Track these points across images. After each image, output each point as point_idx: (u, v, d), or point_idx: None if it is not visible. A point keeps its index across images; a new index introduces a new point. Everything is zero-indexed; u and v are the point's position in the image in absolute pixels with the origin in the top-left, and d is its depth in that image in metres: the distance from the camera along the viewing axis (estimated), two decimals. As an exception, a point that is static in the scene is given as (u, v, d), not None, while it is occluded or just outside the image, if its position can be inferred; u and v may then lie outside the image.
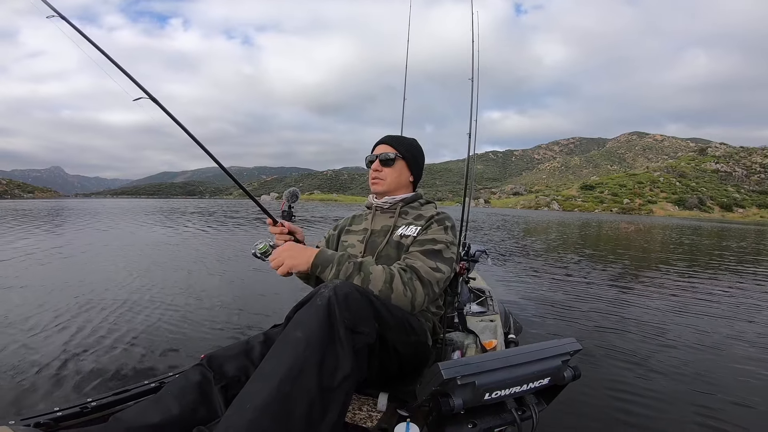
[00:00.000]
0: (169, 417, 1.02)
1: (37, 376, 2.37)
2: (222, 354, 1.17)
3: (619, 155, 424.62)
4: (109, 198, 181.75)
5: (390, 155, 1.50)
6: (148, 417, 1.01)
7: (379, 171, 1.51)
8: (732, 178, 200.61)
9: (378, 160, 1.51)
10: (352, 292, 1.03)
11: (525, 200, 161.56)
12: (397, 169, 1.51)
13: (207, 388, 1.09)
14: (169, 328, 3.29)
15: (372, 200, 1.59)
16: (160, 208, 30.04)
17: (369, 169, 1.54)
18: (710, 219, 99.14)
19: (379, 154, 1.51)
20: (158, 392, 1.12)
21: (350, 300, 1.00)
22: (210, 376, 1.11)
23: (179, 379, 1.14)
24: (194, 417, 1.05)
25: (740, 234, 25.02)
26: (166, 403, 1.05)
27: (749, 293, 5.71)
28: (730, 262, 9.54)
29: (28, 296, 4.17)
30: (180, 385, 1.10)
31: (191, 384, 1.09)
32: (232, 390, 1.09)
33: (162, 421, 1.01)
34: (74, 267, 6.06)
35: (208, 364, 1.14)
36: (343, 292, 1.01)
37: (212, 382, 1.10)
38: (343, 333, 0.95)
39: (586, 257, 9.37)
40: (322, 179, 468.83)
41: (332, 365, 0.92)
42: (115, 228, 13.02)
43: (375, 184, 1.52)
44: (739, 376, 2.69)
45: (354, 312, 1.00)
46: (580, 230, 22.02)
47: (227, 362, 1.15)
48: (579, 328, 3.65)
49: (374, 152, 1.54)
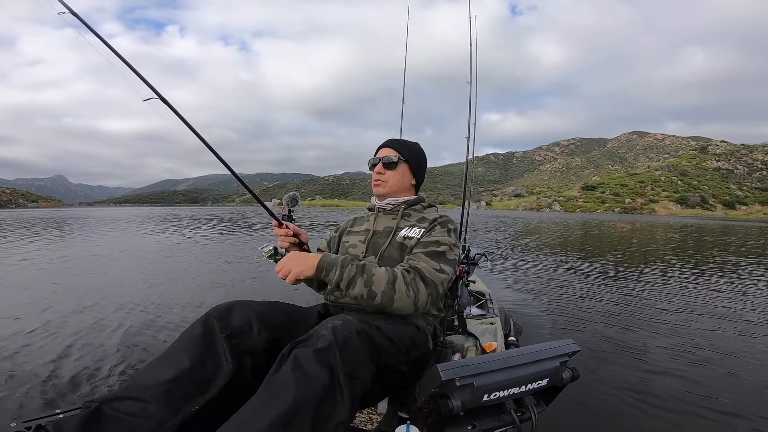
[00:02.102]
0: (182, 370, 1.02)
1: (38, 379, 2.38)
2: (225, 306, 1.19)
3: (620, 155, 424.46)
4: (113, 207, 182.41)
5: (393, 158, 1.51)
6: (161, 375, 1.02)
7: (382, 174, 1.52)
8: (734, 175, 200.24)
9: (381, 163, 1.52)
10: (352, 336, 1.02)
11: (526, 202, 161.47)
12: (399, 172, 1.53)
13: (211, 338, 1.10)
14: (173, 329, 3.31)
15: (374, 202, 1.61)
16: (178, 216, 30.18)
17: (372, 171, 1.56)
18: (713, 217, 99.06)
19: (382, 157, 1.53)
20: (165, 350, 1.12)
21: (350, 344, 1.00)
22: (215, 326, 1.12)
23: (185, 333, 1.14)
24: (204, 368, 1.05)
25: (745, 231, 24.81)
26: (176, 357, 1.05)
27: (753, 291, 5.67)
28: (734, 259, 9.49)
29: (43, 299, 4.19)
30: (186, 337, 1.11)
31: (197, 335, 1.10)
32: (235, 339, 1.11)
33: (176, 375, 1.01)
34: (90, 272, 6.07)
35: (214, 313, 1.15)
36: (343, 336, 1.00)
37: (217, 332, 1.11)
38: (342, 379, 0.93)
39: (587, 258, 9.35)
40: (324, 185, 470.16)
41: (328, 412, 0.90)
42: (133, 236, 13.25)
43: (377, 186, 1.54)
44: (740, 376, 2.67)
45: (353, 357, 0.99)
46: (581, 231, 21.98)
47: (231, 313, 1.16)
48: (579, 330, 3.64)
49: (377, 155, 1.56)
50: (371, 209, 1.62)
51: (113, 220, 23.78)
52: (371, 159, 1.57)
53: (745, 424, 2.08)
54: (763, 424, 2.07)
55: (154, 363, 1.07)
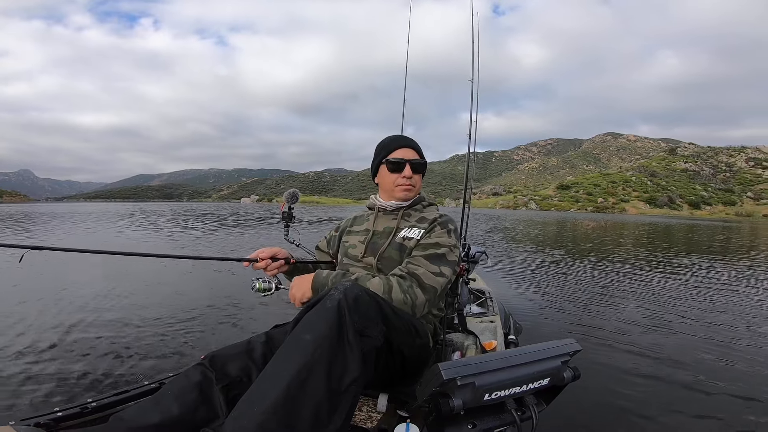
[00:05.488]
0: (169, 417, 1.01)
1: (37, 377, 2.34)
2: (224, 354, 1.16)
3: (594, 155, 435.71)
4: (83, 202, 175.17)
5: (421, 161, 1.48)
6: (148, 417, 1.00)
7: (411, 177, 1.46)
8: (700, 176, 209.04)
9: (409, 167, 1.45)
10: (362, 294, 1.03)
11: (504, 200, 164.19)
12: (422, 175, 1.51)
13: (208, 388, 1.08)
14: (170, 330, 3.24)
15: (376, 201, 1.57)
16: (161, 212, 29.17)
17: (393, 172, 1.47)
18: (679, 216, 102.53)
19: (411, 159, 1.46)
20: (158, 392, 1.11)
21: (360, 303, 1.00)
22: (211, 375, 1.10)
23: (179, 378, 1.12)
24: (194, 417, 1.03)
25: (712, 230, 25.63)
26: (166, 403, 1.04)
27: (750, 289, 5.74)
28: (725, 257, 9.83)
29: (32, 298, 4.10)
30: (180, 384, 1.09)
31: (191, 384, 1.08)
32: (234, 390, 1.09)
33: (162, 421, 1.00)
34: (81, 269, 5.88)
35: (210, 364, 1.12)
36: (353, 295, 1.01)
37: (213, 382, 1.09)
38: (352, 336, 0.95)
39: (584, 256, 9.43)
40: (304, 181, 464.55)
41: (341, 369, 0.92)
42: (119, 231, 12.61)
43: (408, 191, 1.47)
44: (741, 375, 2.67)
45: (363, 315, 1.00)
46: (563, 229, 22.35)
47: (229, 362, 1.13)
48: (579, 328, 3.61)
49: (399, 155, 1.46)
50: (371, 208, 1.59)
51: (83, 216, 22.83)
52: (391, 158, 1.46)
53: (747, 421, 2.09)
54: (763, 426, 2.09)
55: (145, 403, 1.07)
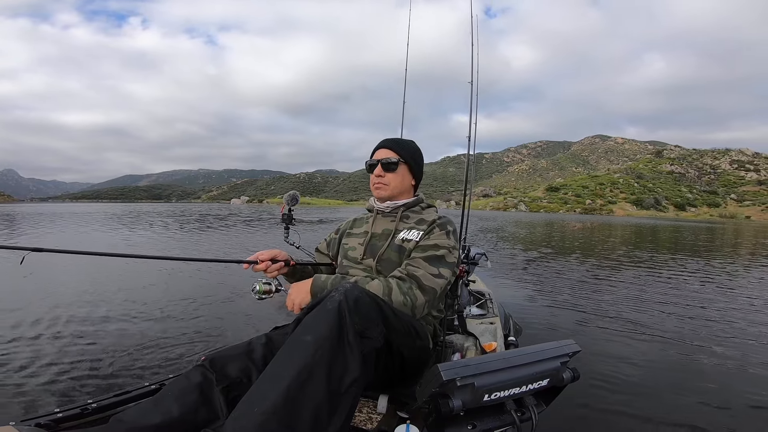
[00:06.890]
0: (169, 418, 1.01)
1: (38, 378, 2.33)
2: (224, 355, 1.16)
3: (583, 158, 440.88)
4: (69, 203, 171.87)
5: (392, 159, 1.48)
6: (148, 418, 1.00)
7: (382, 176, 1.49)
8: (685, 178, 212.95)
9: (380, 165, 1.48)
10: (362, 296, 1.04)
11: (494, 202, 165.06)
12: (399, 173, 1.50)
13: (208, 390, 1.08)
14: (171, 331, 3.23)
15: (373, 203, 1.59)
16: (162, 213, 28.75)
17: (370, 173, 1.51)
18: (665, 218, 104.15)
19: (381, 159, 1.48)
20: (158, 393, 1.10)
21: (360, 304, 1.01)
22: (212, 377, 1.10)
23: (179, 380, 1.12)
24: (195, 418, 1.04)
25: (696, 231, 26.08)
26: (166, 405, 1.04)
27: (752, 290, 5.81)
28: (720, 257, 9.99)
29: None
30: (180, 386, 1.09)
31: (192, 385, 1.08)
32: (234, 392, 1.09)
33: (162, 423, 1.00)
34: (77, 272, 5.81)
35: (210, 365, 1.12)
36: (353, 296, 1.01)
37: (214, 383, 1.09)
38: (352, 337, 0.96)
39: (584, 258, 9.48)
40: (295, 182, 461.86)
41: (341, 370, 0.92)
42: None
43: (378, 190, 1.50)
44: (741, 375, 2.69)
45: (363, 316, 1.00)
46: (551, 230, 22.52)
47: (229, 363, 1.13)
48: (579, 329, 3.63)
49: (375, 156, 1.51)
50: (370, 210, 1.61)
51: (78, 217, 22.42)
52: (368, 160, 1.52)
53: (748, 420, 2.11)
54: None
55: (145, 404, 1.07)
